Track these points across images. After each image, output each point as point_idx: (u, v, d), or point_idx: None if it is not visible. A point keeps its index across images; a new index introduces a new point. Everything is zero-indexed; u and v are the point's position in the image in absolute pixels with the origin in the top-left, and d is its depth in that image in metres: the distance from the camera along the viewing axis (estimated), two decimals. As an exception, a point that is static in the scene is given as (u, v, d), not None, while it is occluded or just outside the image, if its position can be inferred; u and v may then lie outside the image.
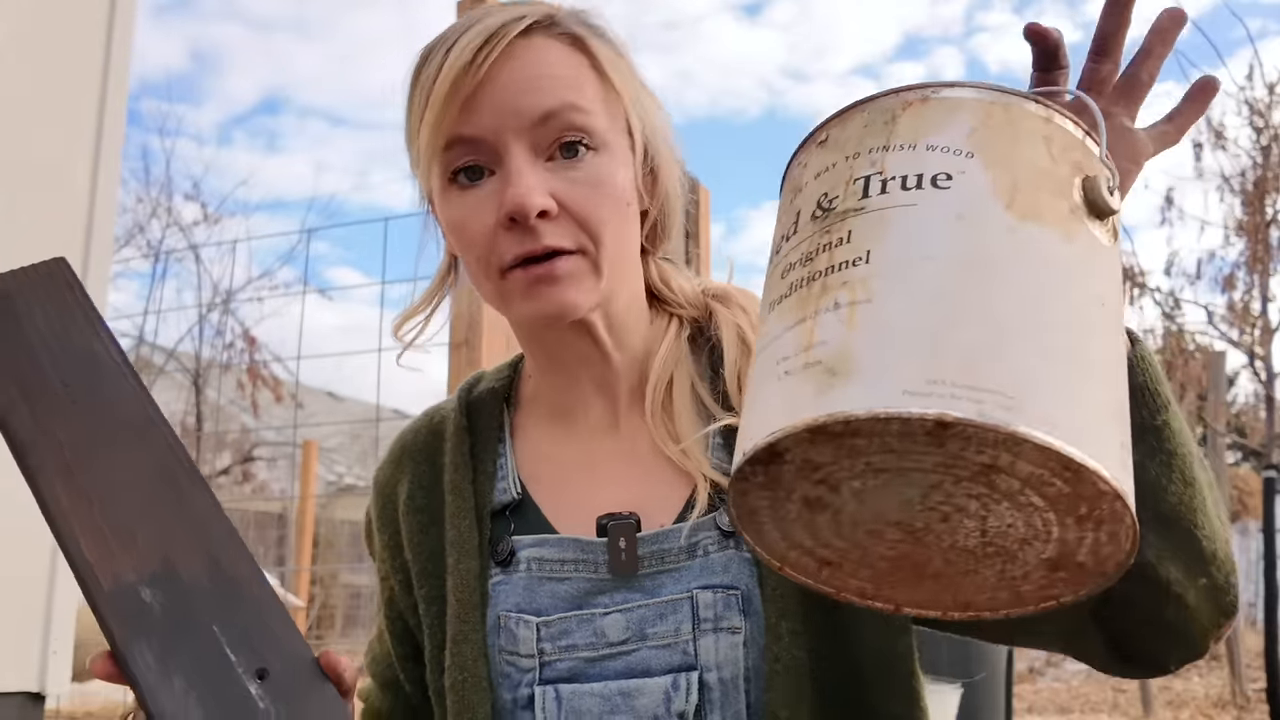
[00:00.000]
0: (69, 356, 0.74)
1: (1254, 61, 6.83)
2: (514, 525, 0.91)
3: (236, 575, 0.67)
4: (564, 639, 0.85)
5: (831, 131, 0.61)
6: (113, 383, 0.73)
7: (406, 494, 0.96)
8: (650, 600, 0.85)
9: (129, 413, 0.72)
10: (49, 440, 0.70)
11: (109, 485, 0.69)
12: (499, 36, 0.81)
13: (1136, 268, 7.13)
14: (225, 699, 0.63)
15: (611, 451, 0.91)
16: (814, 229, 0.57)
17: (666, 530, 0.86)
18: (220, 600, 0.66)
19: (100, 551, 0.66)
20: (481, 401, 0.98)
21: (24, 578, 2.23)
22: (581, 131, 0.82)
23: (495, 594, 0.89)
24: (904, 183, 0.55)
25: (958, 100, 0.58)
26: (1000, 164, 0.55)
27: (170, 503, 0.69)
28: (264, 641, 0.65)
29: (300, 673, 0.65)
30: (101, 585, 0.65)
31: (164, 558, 0.67)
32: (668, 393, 0.90)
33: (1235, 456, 17.41)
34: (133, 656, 0.63)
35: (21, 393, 0.71)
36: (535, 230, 0.80)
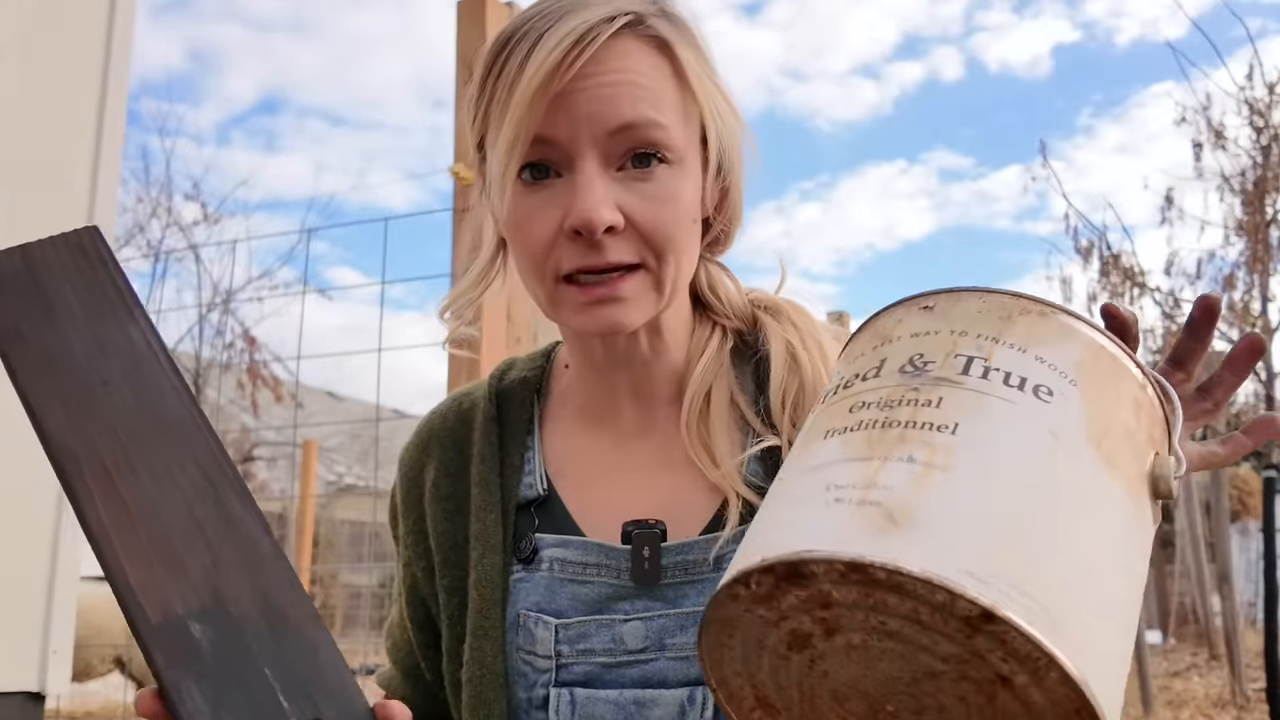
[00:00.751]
0: (105, 348, 0.68)
1: (1254, 61, 6.82)
2: (538, 521, 0.90)
3: (287, 611, 0.63)
4: (582, 643, 0.85)
5: (941, 303, 0.63)
6: (152, 378, 0.68)
7: (432, 480, 0.95)
8: (671, 611, 0.84)
9: (170, 414, 0.68)
10: (88, 447, 0.65)
11: (153, 500, 0.64)
12: (590, 38, 0.78)
13: (1136, 267, 7.12)
14: None
15: (643, 456, 0.90)
16: (901, 381, 0.58)
17: (692, 542, 0.85)
18: (272, 639, 0.62)
19: (146, 578, 0.62)
20: (512, 391, 0.96)
21: (24, 578, 2.23)
22: (656, 146, 0.80)
23: (516, 590, 0.88)
24: (1007, 378, 0.57)
25: (1074, 328, 0.60)
26: (1097, 404, 0.57)
27: (217, 521, 0.65)
28: (318, 688, 0.61)
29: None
30: (149, 618, 0.61)
31: (214, 589, 0.63)
32: (705, 404, 0.88)
33: (1235, 456, 17.32)
34: (182, 699, 0.59)
35: (56, 392, 0.67)
36: (600, 245, 0.79)
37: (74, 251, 0.72)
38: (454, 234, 2.37)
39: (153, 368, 0.69)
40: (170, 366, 0.69)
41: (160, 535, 0.63)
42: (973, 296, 0.62)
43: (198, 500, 0.65)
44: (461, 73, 2.40)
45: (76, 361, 0.68)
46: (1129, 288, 7.09)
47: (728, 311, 0.93)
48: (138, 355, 0.69)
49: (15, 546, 2.21)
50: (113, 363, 0.68)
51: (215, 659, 0.61)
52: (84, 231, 0.73)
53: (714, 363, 0.90)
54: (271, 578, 0.64)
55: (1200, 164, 6.98)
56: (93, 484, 0.64)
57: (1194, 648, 11.98)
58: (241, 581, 0.63)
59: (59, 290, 0.70)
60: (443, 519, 0.93)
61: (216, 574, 0.63)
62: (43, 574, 2.25)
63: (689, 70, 0.83)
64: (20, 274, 0.71)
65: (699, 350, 0.91)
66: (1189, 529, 10.57)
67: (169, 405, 0.68)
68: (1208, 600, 10.50)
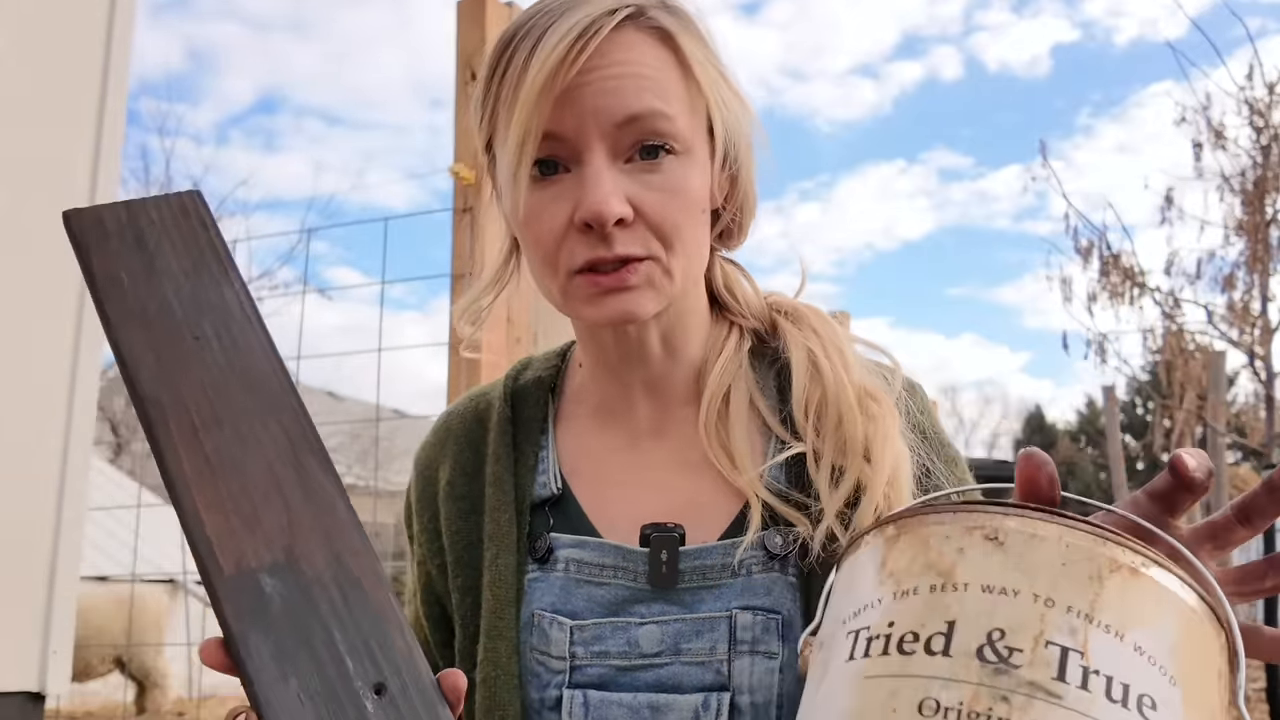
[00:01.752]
0: (200, 304, 0.69)
1: (1254, 61, 6.82)
2: (553, 521, 0.89)
3: (359, 574, 0.63)
4: (597, 645, 0.84)
5: (1012, 538, 0.53)
6: (244, 337, 0.69)
7: (447, 479, 0.94)
8: (688, 615, 0.83)
9: (259, 374, 0.68)
10: (175, 399, 0.65)
11: (235, 456, 0.64)
12: (593, 32, 0.78)
13: (1136, 267, 7.12)
14: (341, 712, 0.58)
15: (659, 456, 0.90)
16: (983, 678, 0.49)
17: (711, 547, 0.85)
18: (342, 601, 0.62)
19: (222, 529, 0.62)
20: (527, 390, 0.96)
21: (24, 578, 2.23)
22: (663, 136, 0.80)
23: (531, 590, 0.87)
24: (1109, 688, 0.49)
25: (1167, 591, 0.52)
26: (1199, 707, 0.52)
27: (296, 483, 0.64)
28: (384, 653, 0.61)
29: (419, 694, 0.60)
30: (222, 568, 0.61)
31: (287, 546, 0.62)
32: (724, 405, 0.88)
33: (1235, 456, 17.39)
34: (249, 651, 0.59)
35: (149, 342, 0.67)
36: (610, 237, 0.79)
37: (176, 211, 0.73)
38: (454, 234, 2.37)
39: (244, 327, 0.69)
40: (261, 327, 0.70)
41: (239, 490, 0.63)
42: (1050, 533, 0.52)
43: (279, 460, 0.65)
44: (462, 73, 2.40)
45: (171, 314, 0.68)
46: (1129, 288, 7.09)
47: (745, 311, 0.92)
48: (230, 314, 0.69)
49: (15, 547, 2.21)
50: (206, 318, 0.69)
51: (284, 615, 0.60)
52: (187, 194, 0.74)
53: (732, 363, 0.90)
54: (346, 542, 0.64)
55: (1200, 164, 6.98)
56: (177, 435, 0.64)
57: (1194, 648, 11.98)
58: (316, 542, 0.63)
59: (159, 246, 0.71)
60: (457, 518, 0.92)
61: (292, 533, 0.63)
62: (43, 574, 2.25)
63: (693, 60, 0.83)
64: (124, 228, 0.71)
65: (716, 349, 0.90)
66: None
67: (258, 364, 0.68)
68: (1208, 600, 10.50)
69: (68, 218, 0.72)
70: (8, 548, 2.19)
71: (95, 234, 0.71)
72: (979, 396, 42.77)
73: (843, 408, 0.85)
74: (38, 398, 2.28)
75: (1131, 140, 45.66)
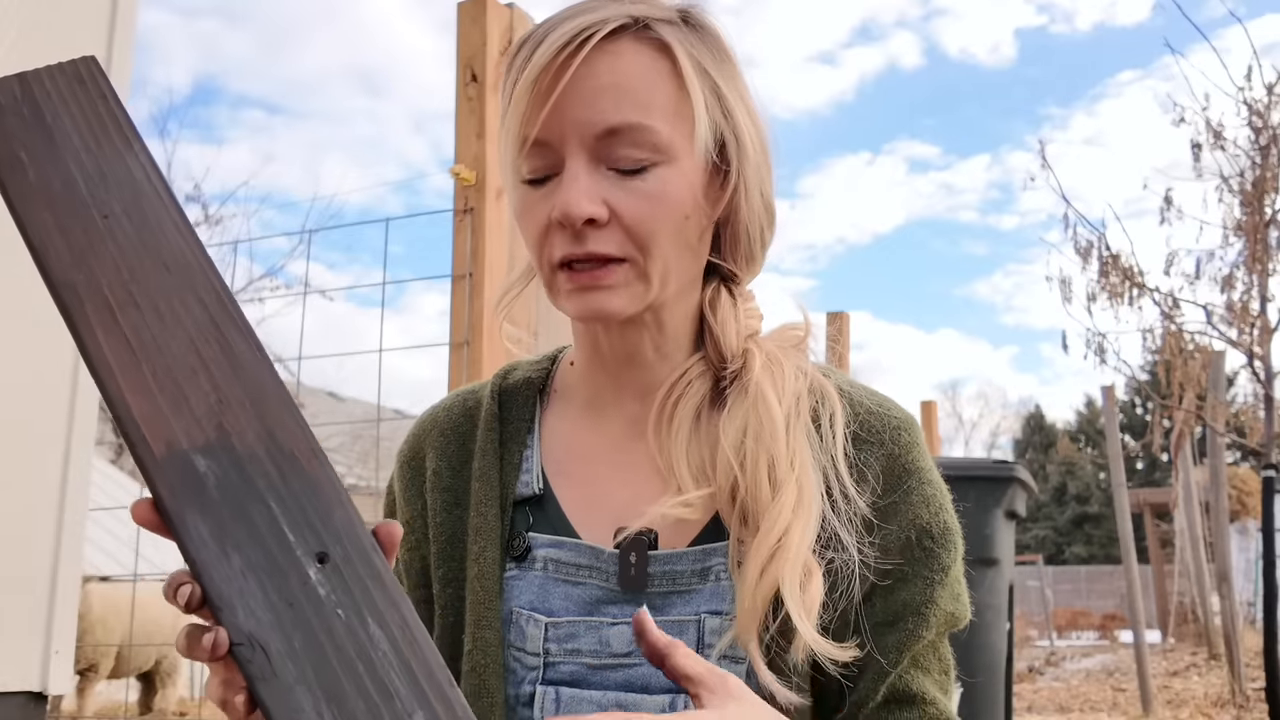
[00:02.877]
0: (106, 180, 0.66)
1: (1253, 62, 6.82)
2: (533, 520, 0.91)
3: (293, 448, 0.62)
4: (570, 642, 0.86)
5: None
6: (155, 214, 0.66)
7: (433, 469, 0.96)
8: (657, 618, 0.83)
9: (173, 250, 0.65)
10: (90, 281, 0.63)
11: (156, 336, 0.63)
12: (580, 41, 0.81)
13: (1136, 267, 7.13)
14: (285, 585, 0.59)
15: (641, 458, 0.91)
16: None
17: (680, 553, 0.86)
18: (278, 476, 0.61)
19: (150, 411, 0.61)
20: (515, 390, 0.98)
21: (26, 578, 2.23)
22: (643, 148, 0.82)
23: (509, 588, 0.89)
24: None
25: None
26: None
27: (221, 359, 0.63)
28: (324, 523, 0.61)
29: (361, 559, 0.60)
30: (153, 451, 0.60)
31: (219, 425, 0.61)
32: (669, 421, 0.89)
33: (1234, 456, 17.38)
34: (188, 531, 0.59)
35: (58, 223, 0.65)
36: (582, 235, 0.82)
37: (72, 81, 0.69)
38: (454, 234, 2.38)
39: (154, 202, 0.67)
40: (171, 201, 0.67)
41: (164, 371, 0.62)
42: None
43: (201, 338, 0.64)
44: (462, 73, 2.41)
45: (77, 193, 0.66)
46: (1128, 288, 7.09)
47: (711, 348, 0.91)
48: (139, 189, 0.67)
49: (17, 546, 2.22)
50: (113, 195, 0.66)
51: (220, 492, 0.60)
52: (82, 61, 0.70)
53: (685, 383, 0.90)
54: (277, 416, 0.63)
55: (1199, 164, 6.98)
56: (94, 317, 0.63)
57: (1193, 647, 11.99)
58: (247, 419, 0.62)
59: (58, 119, 0.67)
60: (442, 510, 0.94)
61: (221, 411, 0.62)
62: (45, 574, 2.25)
63: (687, 72, 0.84)
64: (19, 101, 0.68)
65: (680, 368, 0.91)
66: (1188, 529, 10.58)
67: (170, 241, 0.66)
68: (1207, 600, 10.51)
69: None
70: (9, 548, 2.20)
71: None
72: (976, 395, 42.62)
73: (758, 479, 0.84)
74: (39, 398, 2.29)
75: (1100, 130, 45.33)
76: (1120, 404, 26.97)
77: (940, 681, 0.88)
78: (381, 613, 0.60)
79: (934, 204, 52.82)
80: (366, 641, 0.59)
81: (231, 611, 0.58)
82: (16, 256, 0.75)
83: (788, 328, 0.95)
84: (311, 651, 0.58)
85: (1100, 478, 32.21)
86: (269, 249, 17.46)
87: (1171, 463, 11.56)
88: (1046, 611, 17.08)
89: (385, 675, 0.58)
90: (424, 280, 2.62)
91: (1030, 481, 3.27)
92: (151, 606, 7.70)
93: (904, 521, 0.87)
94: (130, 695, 8.27)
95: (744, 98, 0.89)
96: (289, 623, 0.58)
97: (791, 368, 0.90)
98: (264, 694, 0.57)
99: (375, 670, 0.58)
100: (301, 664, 0.58)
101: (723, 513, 0.86)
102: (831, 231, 53.45)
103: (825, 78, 52.84)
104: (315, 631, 0.58)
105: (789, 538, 0.81)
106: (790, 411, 0.87)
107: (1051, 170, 7.23)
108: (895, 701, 0.86)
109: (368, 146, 40.36)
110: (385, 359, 2.65)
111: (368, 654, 0.58)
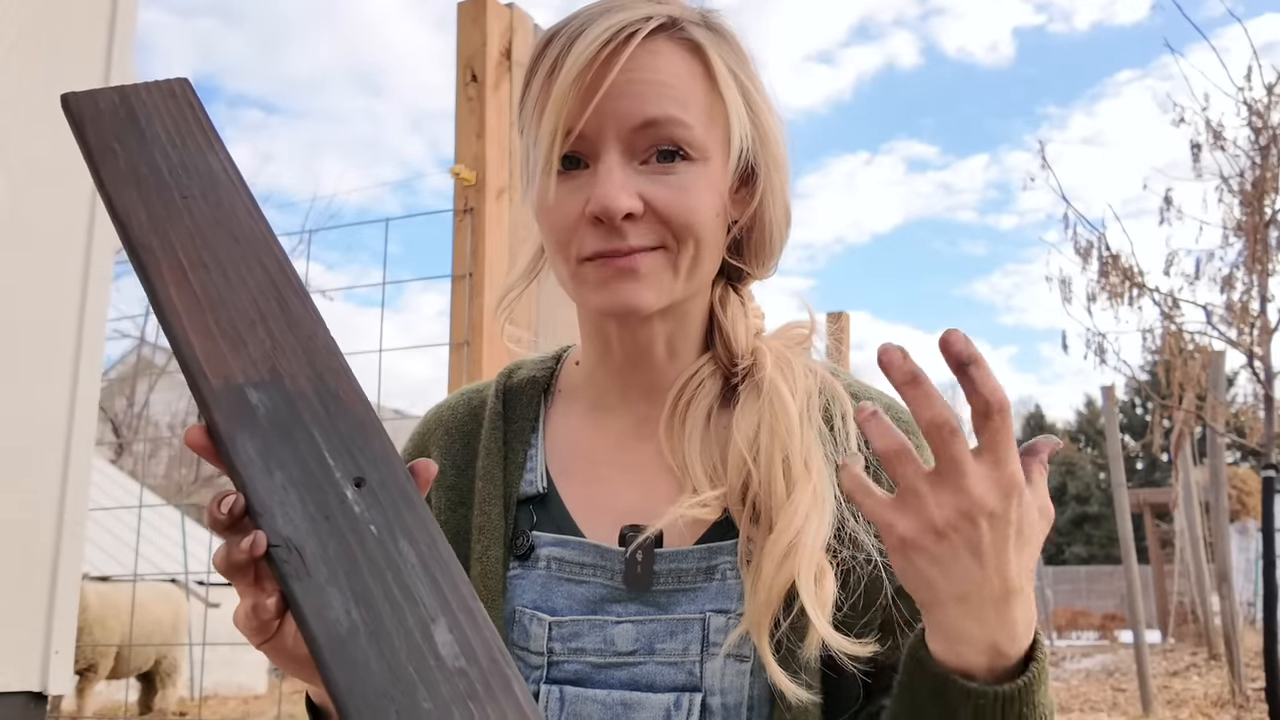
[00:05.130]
0: (187, 170, 0.75)
1: (1252, 62, 6.82)
2: (536, 519, 0.91)
3: (339, 389, 0.68)
4: (574, 641, 0.86)
5: None
6: (228, 197, 0.74)
7: (437, 467, 0.95)
8: (662, 616, 0.85)
9: (242, 227, 0.73)
10: (164, 243, 0.71)
11: (222, 292, 0.70)
12: (624, 37, 0.81)
13: (1135, 268, 7.13)
14: (322, 500, 0.63)
15: (646, 458, 0.91)
16: None
17: (686, 551, 0.86)
18: (323, 410, 0.66)
19: (210, 350, 0.67)
20: (520, 389, 0.98)
21: (26, 578, 2.23)
22: (679, 143, 0.83)
23: (512, 587, 0.89)
24: None
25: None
26: None
27: (279, 314, 0.70)
28: (363, 453, 0.65)
29: (395, 486, 0.65)
30: (210, 382, 0.66)
31: (272, 366, 0.67)
32: (681, 421, 0.89)
33: (1234, 456, 17.38)
34: (236, 449, 0.64)
35: (141, 198, 0.72)
36: (620, 230, 0.82)
37: (165, 94, 0.79)
38: (454, 234, 2.38)
39: (230, 191, 0.75)
40: (246, 192, 0.75)
41: (226, 320, 0.69)
42: None
43: (262, 297, 0.70)
44: (462, 73, 2.41)
45: (161, 177, 0.74)
46: (1128, 288, 7.09)
47: (721, 350, 0.92)
48: (216, 179, 0.75)
49: (17, 547, 2.22)
50: (193, 181, 0.74)
51: (269, 421, 0.65)
52: (175, 81, 0.80)
53: (697, 381, 0.91)
54: (327, 364, 0.69)
55: (1199, 164, 6.98)
56: (168, 274, 0.70)
57: (1193, 647, 11.99)
58: (298, 363, 0.68)
59: (150, 121, 0.77)
60: (446, 508, 0.94)
61: (275, 355, 0.68)
62: (45, 574, 2.25)
63: (719, 75, 0.85)
64: (117, 106, 0.77)
65: (692, 368, 0.91)
66: (1188, 529, 10.58)
67: (242, 220, 0.73)
68: (1207, 600, 10.51)
69: (66, 100, 0.77)
70: (10, 548, 2.20)
71: (91, 111, 0.77)
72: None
73: (772, 476, 0.84)
74: (40, 398, 2.29)
75: (1098, 129, 45.27)
76: (1120, 404, 26.99)
77: None
78: (411, 531, 0.64)
79: (932, 204, 52.86)
80: (396, 554, 0.62)
81: (271, 517, 0.62)
82: (16, 256, 0.75)
83: (791, 326, 0.95)
84: (344, 558, 0.62)
85: (1100, 478, 32.22)
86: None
87: (1171, 463, 11.56)
88: (1046, 611, 17.09)
89: (412, 584, 0.61)
90: (424, 280, 2.63)
91: (1030, 481, 3.26)
92: (151, 606, 7.71)
93: None
94: (130, 695, 8.27)
95: (768, 101, 0.89)
96: (324, 532, 0.62)
97: (801, 366, 0.90)
98: (297, 591, 0.60)
99: (403, 579, 0.61)
100: (334, 568, 0.61)
101: (733, 510, 0.86)
102: (830, 231, 53.49)
103: (823, 77, 52.88)
104: (348, 542, 0.62)
105: (804, 535, 0.81)
106: (803, 409, 0.87)
107: (1051, 170, 7.24)
108: None
109: (365, 146, 40.38)
110: (385, 359, 2.65)
111: (396, 565, 0.62)
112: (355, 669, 0.58)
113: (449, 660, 0.59)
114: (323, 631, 0.59)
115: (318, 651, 0.59)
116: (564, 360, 1.00)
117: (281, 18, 35.58)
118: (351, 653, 0.58)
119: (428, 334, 7.02)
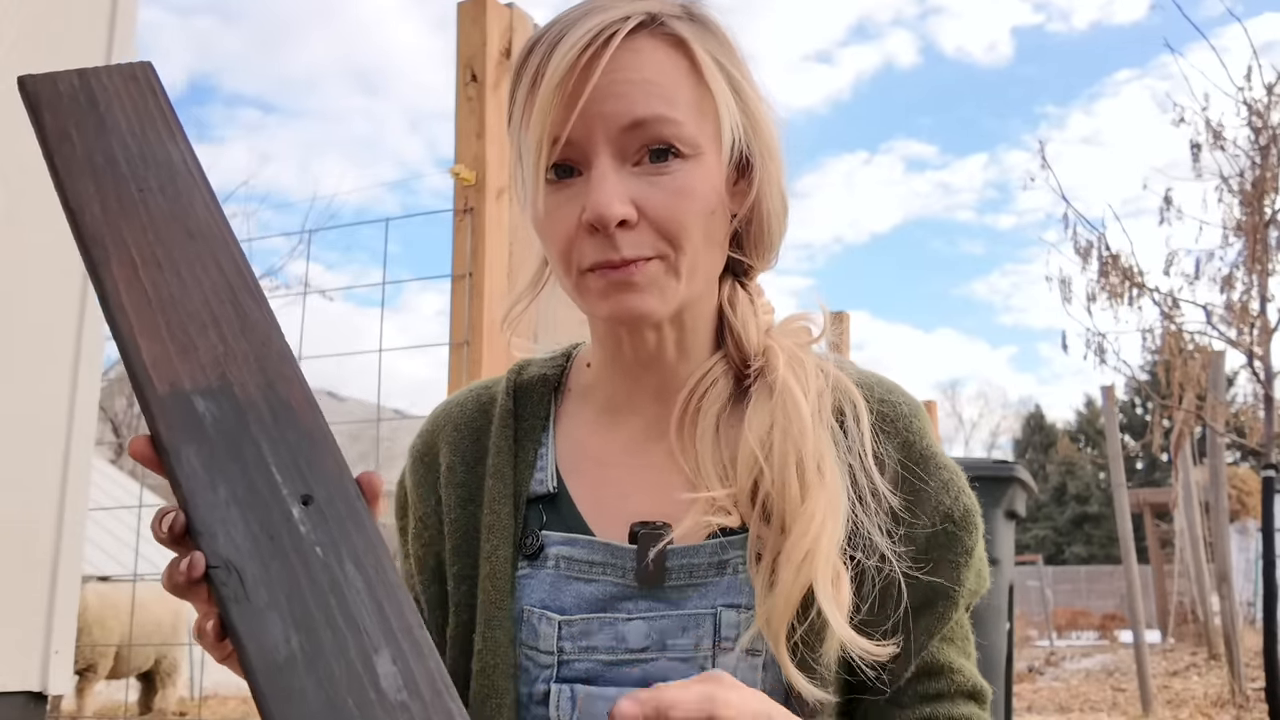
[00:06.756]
0: (145, 161, 0.72)
1: (1252, 62, 6.82)
2: (546, 518, 0.91)
3: (291, 401, 0.65)
4: (584, 639, 0.85)
5: None
6: (187, 192, 0.72)
7: (447, 464, 0.95)
8: (674, 612, 0.85)
9: (200, 223, 0.70)
10: (116, 238, 0.68)
11: (174, 293, 0.67)
12: (603, 39, 0.81)
13: (1135, 267, 7.13)
14: (267, 518, 0.61)
15: (657, 458, 0.91)
16: None
17: (698, 546, 0.86)
18: (273, 423, 0.64)
19: (158, 354, 0.65)
20: (530, 387, 0.97)
21: (26, 578, 2.23)
22: (669, 141, 0.82)
23: (521, 587, 0.88)
24: None
25: None
26: None
27: (233, 318, 0.67)
28: (312, 469, 0.63)
29: (345, 504, 0.63)
30: (156, 389, 0.63)
31: (222, 373, 0.65)
32: (692, 422, 0.89)
33: (1234, 456, 17.37)
34: (180, 461, 0.62)
35: (96, 190, 0.70)
36: (614, 239, 0.81)
37: (127, 78, 0.76)
38: (454, 234, 2.38)
39: (188, 182, 0.72)
40: (205, 185, 0.73)
41: (177, 323, 0.66)
42: None
43: (216, 299, 0.68)
44: (462, 74, 2.41)
45: (117, 168, 0.71)
46: (1128, 288, 7.09)
47: (732, 347, 0.91)
48: (174, 170, 0.73)
49: (17, 547, 2.22)
50: (151, 173, 0.72)
51: (216, 432, 0.63)
52: (138, 64, 0.77)
53: (709, 382, 0.90)
54: (279, 371, 0.66)
55: (1199, 164, 6.98)
56: (118, 271, 0.67)
57: (1193, 647, 11.99)
58: (250, 370, 0.66)
59: (109, 108, 0.74)
60: (456, 506, 0.93)
61: (226, 362, 0.66)
62: (44, 574, 2.25)
63: (705, 68, 0.84)
64: (76, 90, 0.75)
65: (704, 368, 0.91)
66: (1188, 529, 10.58)
67: (200, 216, 0.71)
68: (1207, 600, 10.51)
69: (22, 82, 0.74)
70: (9, 548, 2.20)
71: (49, 94, 0.74)
72: (976, 395, 42.62)
73: (785, 477, 0.84)
74: (39, 398, 2.29)
75: (1099, 131, 45.27)
76: (1120, 404, 26.96)
77: (963, 648, 0.92)
78: (359, 554, 0.61)
79: (931, 203, 52.85)
80: (341, 578, 0.60)
81: (212, 537, 0.60)
82: (16, 256, 0.75)
83: (794, 318, 0.95)
84: (286, 581, 0.59)
85: (1100, 478, 32.20)
86: (267, 249, 17.61)
87: (1171, 463, 11.55)
88: (1046, 611, 17.08)
89: (356, 611, 0.59)
90: (423, 280, 2.62)
91: (1030, 481, 3.27)
92: (151, 606, 7.71)
93: (928, 510, 0.88)
94: (130, 695, 8.27)
95: (757, 91, 0.89)
96: (267, 552, 0.60)
97: (813, 365, 0.90)
98: (235, 615, 0.58)
99: (347, 605, 0.59)
100: (275, 591, 0.59)
101: (743, 508, 0.86)
102: (829, 231, 53.47)
103: (822, 77, 52.86)
104: (292, 564, 0.60)
105: (821, 540, 0.81)
106: (815, 409, 0.87)
107: (1051, 170, 7.24)
108: (925, 674, 0.89)
109: (363, 146, 40.42)
110: (385, 359, 2.65)
111: (341, 590, 0.60)
112: (291, 699, 0.56)
113: (390, 693, 0.57)
114: (259, 659, 0.57)
115: (253, 679, 0.57)
116: (574, 358, 1.00)
117: (280, 16, 35.65)
118: (289, 681, 0.56)
119: (427, 334, 7.09)
